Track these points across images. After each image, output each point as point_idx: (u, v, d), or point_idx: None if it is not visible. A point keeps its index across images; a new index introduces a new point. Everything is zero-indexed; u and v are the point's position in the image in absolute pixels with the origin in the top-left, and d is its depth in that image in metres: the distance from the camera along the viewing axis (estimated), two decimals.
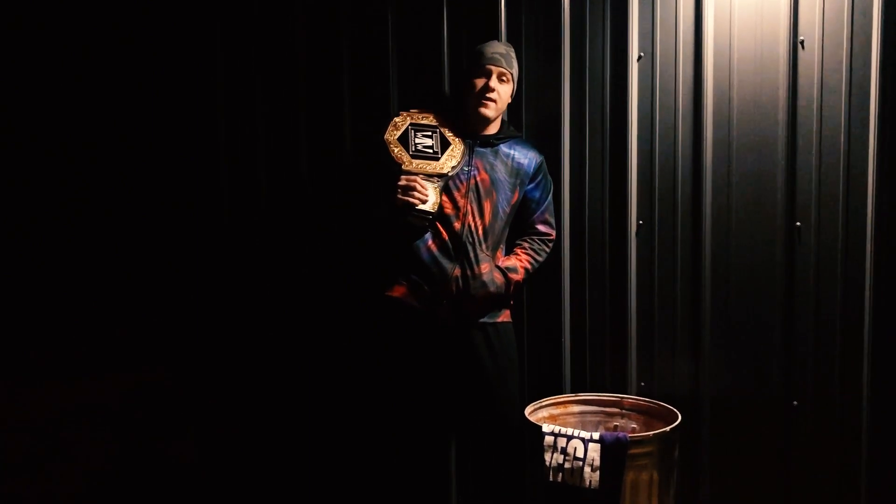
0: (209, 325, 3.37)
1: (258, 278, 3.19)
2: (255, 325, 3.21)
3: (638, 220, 2.45)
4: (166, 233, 3.46)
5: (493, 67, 2.29)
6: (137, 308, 4.79)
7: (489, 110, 2.31)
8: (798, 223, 2.30)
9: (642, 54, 2.42)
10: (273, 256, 3.12)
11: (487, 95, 2.28)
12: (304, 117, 2.89)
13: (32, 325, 4.91)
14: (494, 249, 2.38)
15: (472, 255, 2.31)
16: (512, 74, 2.33)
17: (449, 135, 2.35)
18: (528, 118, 2.56)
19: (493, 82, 2.29)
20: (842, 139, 2.25)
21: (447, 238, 2.31)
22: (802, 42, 2.25)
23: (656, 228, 2.44)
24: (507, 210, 2.38)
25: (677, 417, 2.25)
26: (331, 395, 3.05)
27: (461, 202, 2.32)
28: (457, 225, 2.31)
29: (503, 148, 2.39)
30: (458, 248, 2.31)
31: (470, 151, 2.34)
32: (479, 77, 2.30)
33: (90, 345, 5.06)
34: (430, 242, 2.31)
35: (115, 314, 4.95)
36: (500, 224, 2.37)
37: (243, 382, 3.30)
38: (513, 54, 2.36)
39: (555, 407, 2.46)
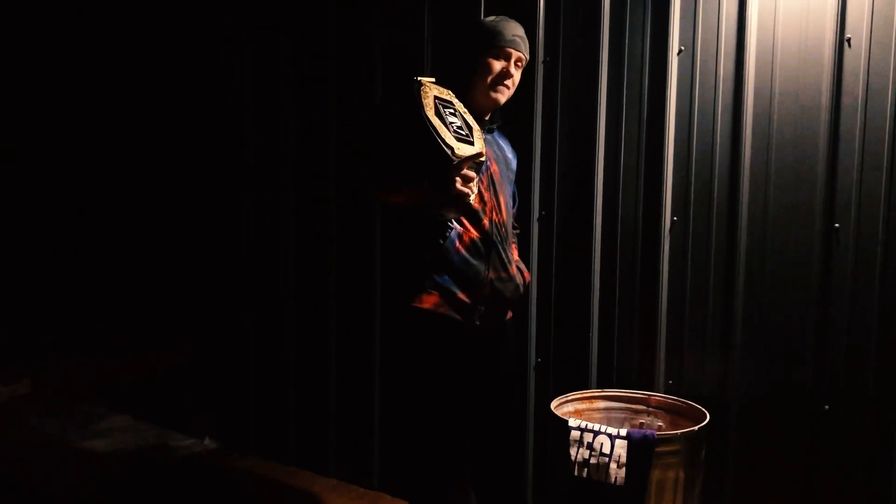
0: (236, 315, 3.40)
1: (285, 272, 3.21)
2: (277, 315, 3.24)
3: (672, 216, 2.42)
4: (199, 228, 3.51)
5: (512, 51, 2.09)
6: (167, 297, 4.87)
7: (503, 96, 2.13)
8: (837, 225, 2.25)
9: (682, 48, 2.38)
10: (301, 251, 3.14)
11: (505, 81, 2.10)
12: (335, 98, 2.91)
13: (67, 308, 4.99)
14: (511, 247, 2.25)
15: (502, 254, 2.14)
16: (526, 60, 2.16)
17: (468, 116, 2.06)
18: (564, 109, 2.53)
19: (512, 67, 2.10)
20: (886, 141, 2.19)
21: (477, 237, 2.09)
22: (849, 40, 2.20)
23: (690, 225, 2.40)
24: (512, 205, 2.27)
25: (705, 417, 2.22)
26: (352, 387, 3.06)
27: (486, 195, 2.10)
28: (485, 222, 2.10)
29: (496, 138, 2.25)
30: (489, 247, 2.11)
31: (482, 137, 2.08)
32: (498, 59, 2.09)
33: (119, 326, 5.14)
34: (458, 244, 2.07)
35: (147, 301, 5.03)
36: (511, 220, 2.25)
37: (264, 371, 3.32)
38: (526, 38, 2.16)
39: (580, 402, 2.44)
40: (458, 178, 1.91)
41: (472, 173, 1.95)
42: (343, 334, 3.06)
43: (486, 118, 2.21)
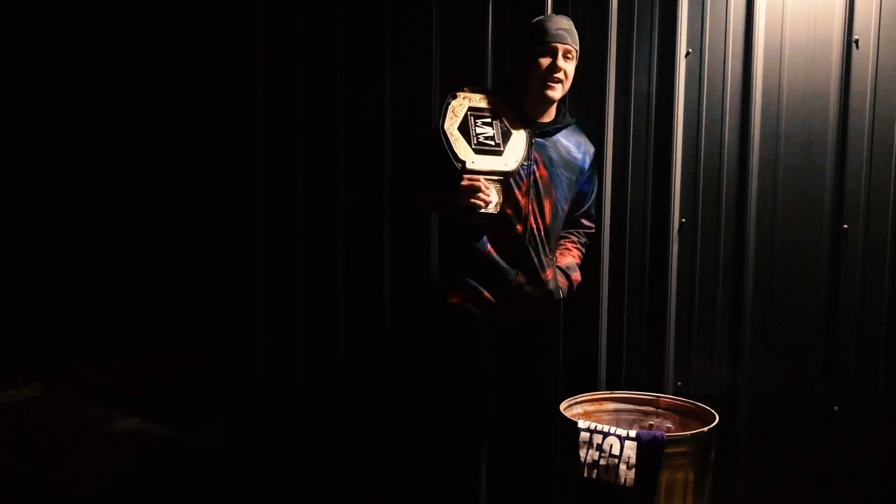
0: (247, 318, 3.41)
1: (294, 275, 3.22)
2: (288, 317, 3.24)
3: (681, 217, 2.43)
4: (212, 230, 3.53)
5: (558, 45, 2.10)
6: (177, 300, 4.90)
7: (556, 92, 2.14)
8: (845, 225, 2.25)
9: (690, 50, 2.39)
10: (315, 249, 3.15)
11: (555, 76, 2.11)
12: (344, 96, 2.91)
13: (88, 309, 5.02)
14: (554, 251, 2.28)
15: (535, 260, 2.17)
16: (577, 51, 2.16)
17: (508, 122, 2.13)
18: (572, 111, 2.53)
19: (560, 61, 2.10)
20: (894, 142, 2.19)
21: (508, 242, 2.15)
22: (857, 41, 2.20)
23: (699, 227, 2.41)
24: (566, 209, 2.27)
25: (714, 419, 2.22)
26: (366, 386, 3.07)
27: (522, 202, 2.15)
28: (518, 228, 2.15)
29: (560, 139, 2.24)
30: (521, 252, 2.16)
31: (529, 143, 2.15)
32: (544, 56, 2.11)
33: (130, 328, 5.17)
34: (489, 247, 2.15)
35: (157, 304, 5.06)
36: (559, 224, 2.27)
37: (276, 373, 3.34)
38: (574, 29, 2.17)
39: (590, 403, 2.44)
40: (462, 191, 2.01)
41: (478, 185, 2.02)
42: (353, 337, 3.07)
43: (548, 120, 2.23)
